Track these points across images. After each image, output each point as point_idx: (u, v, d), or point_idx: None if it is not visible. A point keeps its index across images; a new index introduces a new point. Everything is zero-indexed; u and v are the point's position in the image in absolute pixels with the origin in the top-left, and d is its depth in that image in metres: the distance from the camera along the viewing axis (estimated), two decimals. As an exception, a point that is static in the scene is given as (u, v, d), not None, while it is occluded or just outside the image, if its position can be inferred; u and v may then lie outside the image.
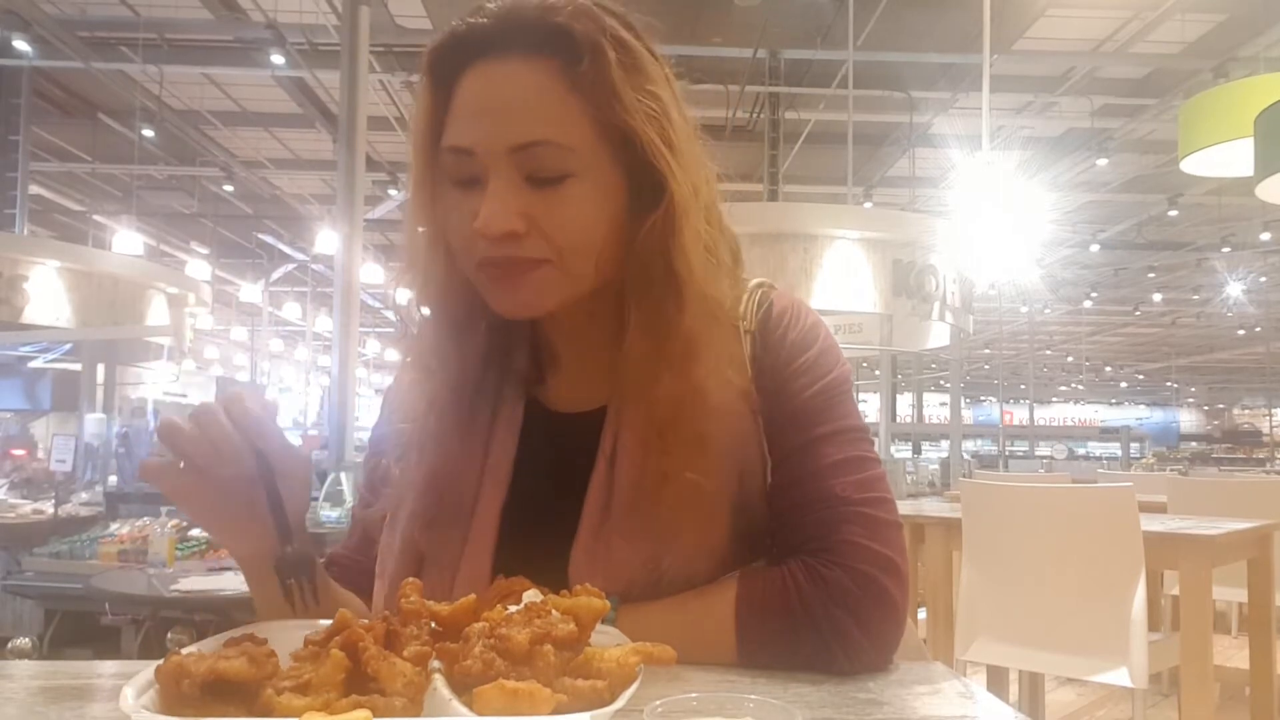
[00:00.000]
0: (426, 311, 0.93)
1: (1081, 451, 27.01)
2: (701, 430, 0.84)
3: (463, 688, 0.56)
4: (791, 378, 0.89)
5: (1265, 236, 13.22)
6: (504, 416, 0.92)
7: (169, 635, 3.51)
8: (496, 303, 0.86)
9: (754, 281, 0.95)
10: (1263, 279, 15.94)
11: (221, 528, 0.83)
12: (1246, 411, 37.62)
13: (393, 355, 26.31)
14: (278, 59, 8.12)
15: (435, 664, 0.59)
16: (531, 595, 0.64)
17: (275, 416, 0.79)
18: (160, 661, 0.55)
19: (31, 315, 6.71)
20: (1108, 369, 32.12)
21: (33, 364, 10.44)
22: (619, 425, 0.88)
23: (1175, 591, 3.31)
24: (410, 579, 0.69)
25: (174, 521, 5.04)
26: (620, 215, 0.85)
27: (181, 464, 0.77)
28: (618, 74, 0.81)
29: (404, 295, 0.93)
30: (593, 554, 0.84)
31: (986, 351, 23.44)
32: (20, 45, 7.93)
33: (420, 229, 0.88)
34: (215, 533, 0.83)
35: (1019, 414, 25.64)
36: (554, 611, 0.61)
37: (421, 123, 0.86)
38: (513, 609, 0.62)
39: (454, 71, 0.84)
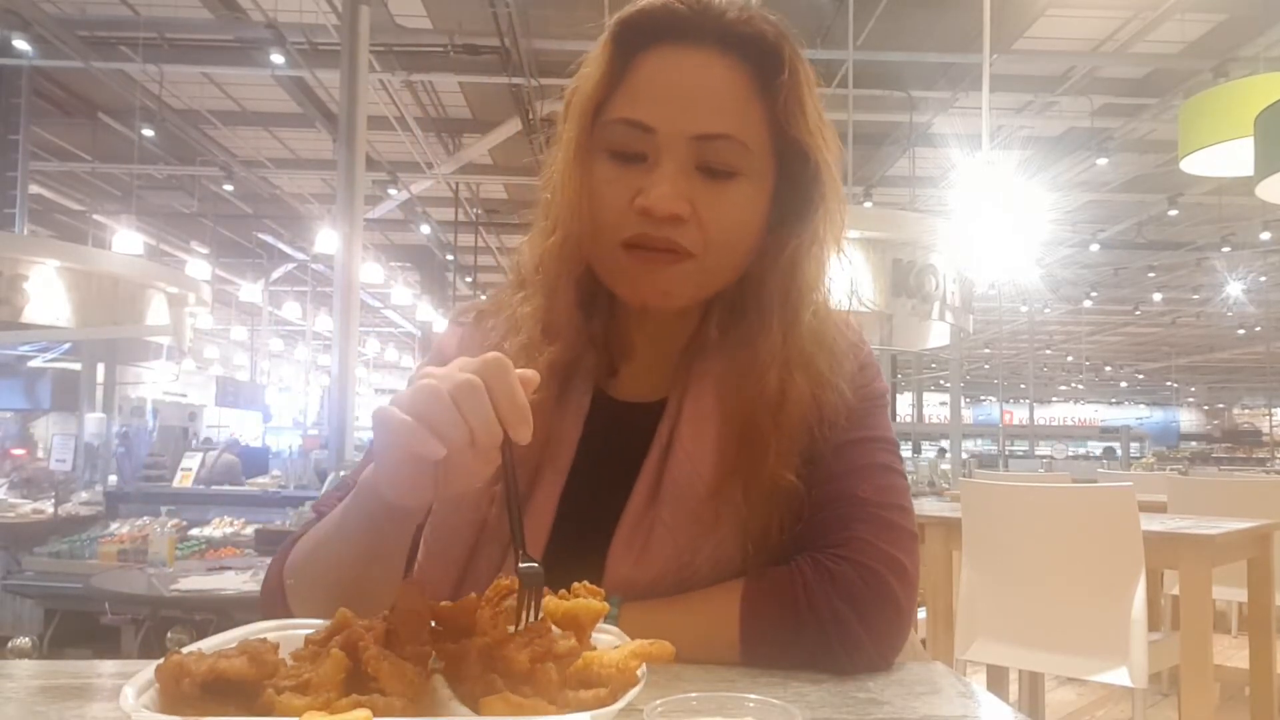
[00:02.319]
0: (548, 279, 0.90)
1: (1082, 450, 27.00)
2: (780, 429, 0.86)
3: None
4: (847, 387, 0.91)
5: (1265, 236, 13.21)
6: (573, 401, 0.92)
7: (169, 635, 3.51)
8: (629, 286, 0.86)
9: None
10: (1263, 279, 15.94)
11: (410, 482, 0.68)
12: (1246, 411, 37.62)
13: (392, 355, 26.14)
14: (278, 59, 8.11)
15: (435, 664, 0.59)
16: None
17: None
18: (160, 661, 0.55)
19: (31, 315, 6.70)
20: (1108, 369, 32.12)
21: (33, 364, 10.44)
22: (678, 417, 0.89)
23: (1175, 591, 3.31)
24: (410, 579, 0.69)
25: (174, 521, 5.04)
26: (764, 223, 0.88)
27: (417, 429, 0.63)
28: (806, 92, 0.85)
29: (539, 260, 0.90)
30: (631, 542, 0.85)
31: (986, 351, 23.43)
32: (20, 45, 7.92)
33: (570, 194, 0.85)
34: (397, 484, 0.69)
35: (1019, 414, 25.65)
36: (554, 629, 0.61)
37: (592, 88, 0.85)
38: (512, 630, 0.62)
39: (638, 46, 0.85)
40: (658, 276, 0.84)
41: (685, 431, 0.88)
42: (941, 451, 12.95)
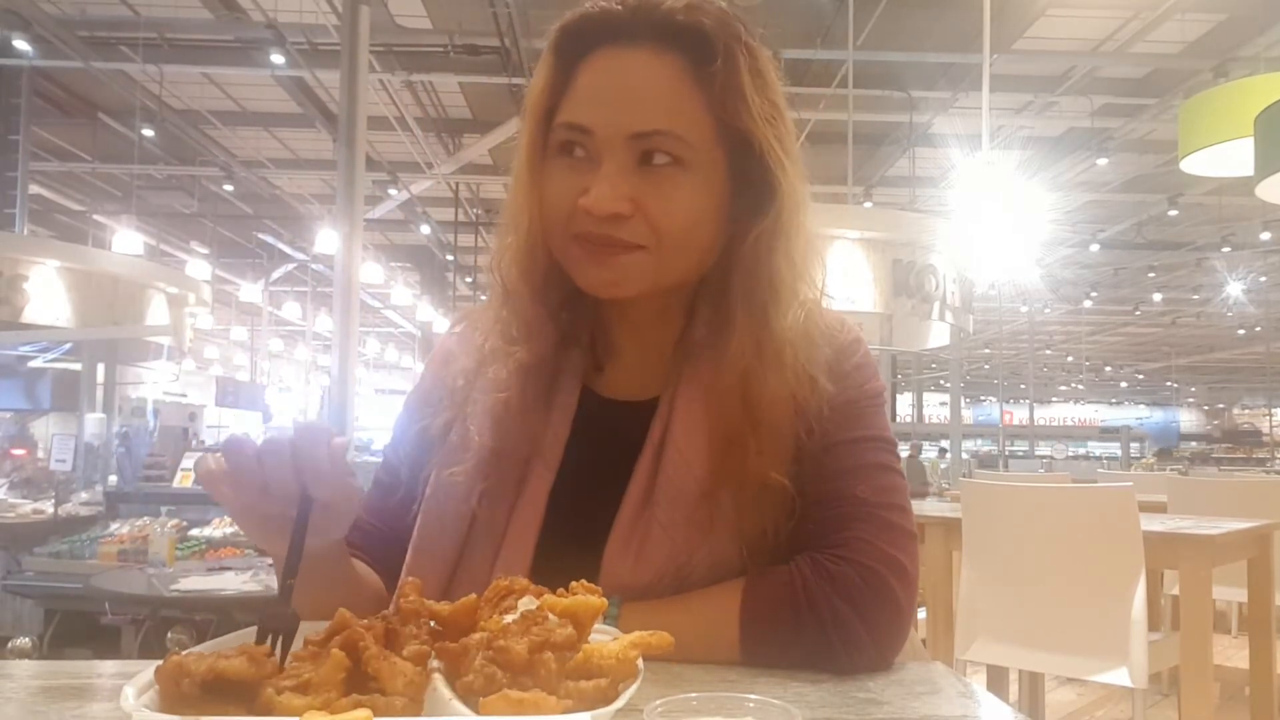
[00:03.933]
0: (505, 281, 0.93)
1: (1083, 450, 26.98)
2: (758, 428, 0.86)
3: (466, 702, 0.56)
4: (829, 383, 0.91)
5: (1265, 236, 13.22)
6: (559, 399, 0.93)
7: (169, 635, 3.51)
8: (583, 278, 0.87)
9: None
10: (1263, 279, 15.95)
11: (259, 535, 0.78)
12: (1246, 411, 37.62)
13: (393, 355, 26.14)
14: (278, 59, 8.11)
15: (435, 663, 0.59)
16: (526, 603, 0.64)
17: (341, 461, 0.73)
18: (160, 661, 0.55)
19: (31, 315, 6.70)
20: (1108, 369, 32.12)
21: (33, 364, 10.44)
22: (670, 417, 0.89)
23: (1175, 591, 3.31)
24: (410, 579, 0.69)
25: (174, 521, 5.04)
26: (721, 214, 0.88)
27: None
28: (746, 79, 0.84)
29: (498, 261, 0.93)
30: (628, 543, 0.85)
31: (986, 351, 23.44)
32: (20, 45, 7.92)
33: (522, 197, 0.89)
34: (251, 537, 0.79)
35: (1019, 414, 25.66)
36: (550, 616, 0.61)
37: (539, 96, 0.88)
38: (509, 619, 0.62)
39: (580, 51, 0.86)
40: (608, 267, 0.85)
41: (678, 431, 0.88)
42: (942, 451, 12.94)
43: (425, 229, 13.45)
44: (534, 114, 0.88)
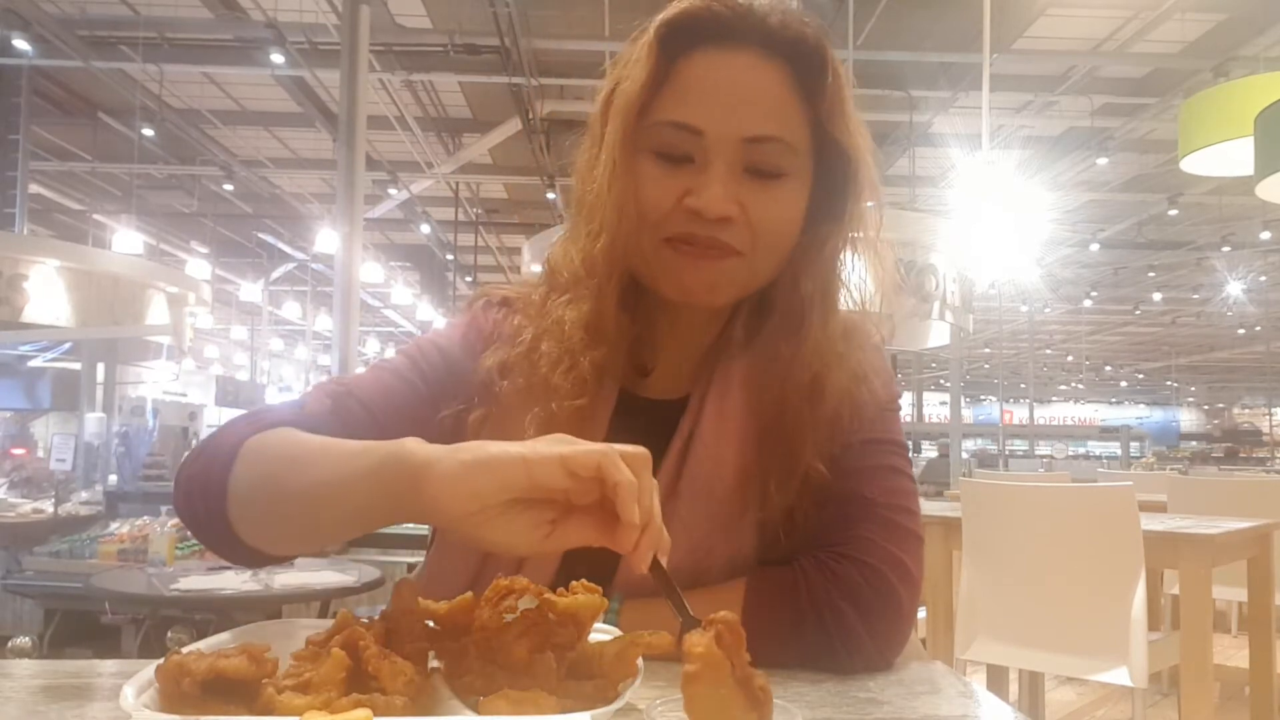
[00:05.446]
0: (598, 281, 0.88)
1: (1082, 450, 26.94)
2: (806, 421, 0.87)
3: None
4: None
5: (1265, 236, 13.21)
6: (601, 396, 0.91)
7: (169, 634, 3.51)
8: (676, 281, 0.86)
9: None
10: (1263, 278, 15.94)
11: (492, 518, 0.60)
12: (1246, 411, 37.60)
13: (392, 355, 26.37)
14: (278, 58, 8.10)
15: (435, 663, 0.59)
16: (526, 603, 0.64)
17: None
18: (160, 660, 0.55)
19: (31, 315, 6.70)
20: (1108, 368, 32.11)
21: (33, 363, 10.44)
22: (700, 413, 0.90)
23: (1175, 591, 3.31)
24: (404, 579, 0.69)
25: (174, 521, 5.04)
26: (802, 221, 0.89)
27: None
28: (847, 93, 0.86)
29: (584, 261, 0.88)
30: None
31: (986, 351, 23.42)
32: (20, 44, 7.92)
33: (615, 196, 0.84)
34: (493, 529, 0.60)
35: (1019, 413, 25.65)
36: (550, 616, 0.61)
37: (635, 90, 0.85)
38: (509, 619, 0.62)
39: (681, 48, 0.85)
40: (705, 271, 0.85)
41: (707, 428, 0.89)
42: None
43: (425, 229, 13.44)
44: (628, 109, 0.85)
